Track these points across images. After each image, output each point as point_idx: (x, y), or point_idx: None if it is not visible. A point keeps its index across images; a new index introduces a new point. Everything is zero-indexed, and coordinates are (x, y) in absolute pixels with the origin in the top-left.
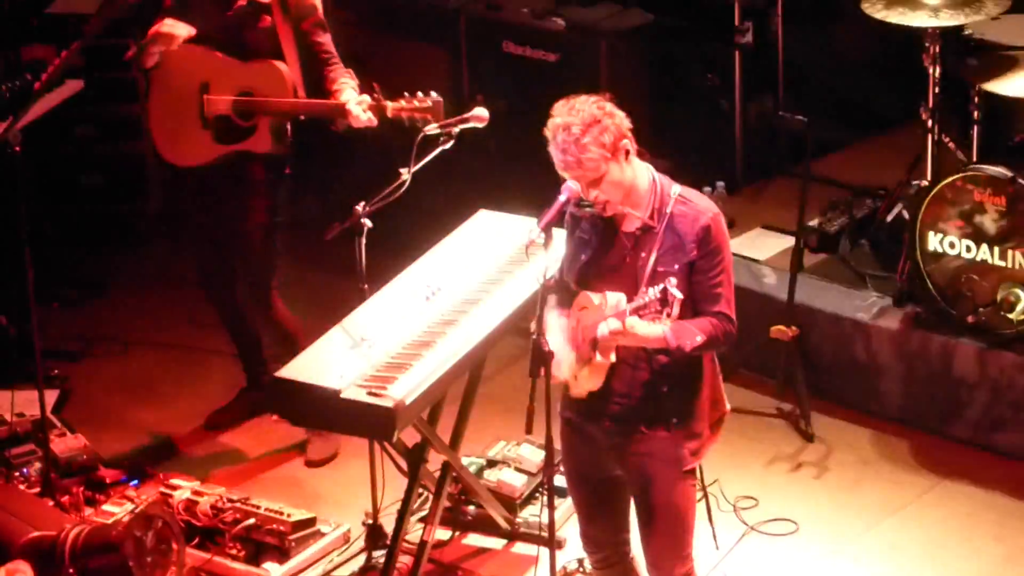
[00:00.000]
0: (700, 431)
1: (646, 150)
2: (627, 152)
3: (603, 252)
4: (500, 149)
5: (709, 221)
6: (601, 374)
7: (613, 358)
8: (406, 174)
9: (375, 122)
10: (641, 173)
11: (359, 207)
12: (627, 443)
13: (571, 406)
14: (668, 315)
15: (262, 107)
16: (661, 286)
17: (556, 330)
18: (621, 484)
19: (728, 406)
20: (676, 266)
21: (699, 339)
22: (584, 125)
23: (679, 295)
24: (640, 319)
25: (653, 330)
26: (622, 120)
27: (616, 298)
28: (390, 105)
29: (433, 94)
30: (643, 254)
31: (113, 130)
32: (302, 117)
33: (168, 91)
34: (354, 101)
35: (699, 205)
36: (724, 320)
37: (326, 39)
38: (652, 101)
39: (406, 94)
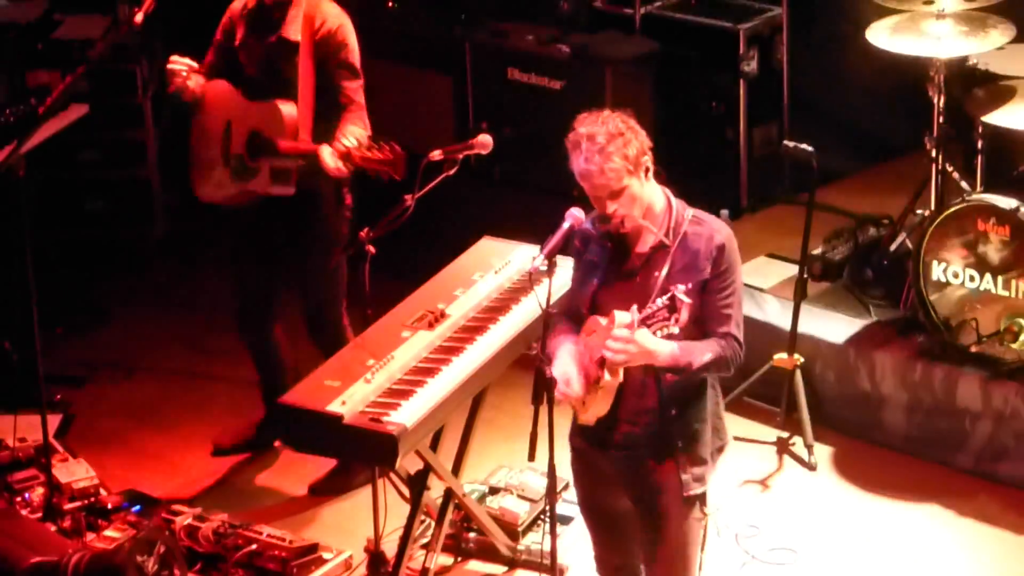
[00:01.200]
0: (704, 458)
1: (662, 172)
2: (647, 169)
3: (615, 273)
4: (504, 176)
5: (723, 240)
6: (609, 397)
7: (621, 377)
8: (410, 200)
9: (344, 171)
10: (657, 193)
11: (363, 233)
12: (633, 469)
13: (579, 434)
14: (676, 321)
15: (262, 148)
16: (669, 293)
17: (567, 356)
18: (630, 511)
19: (729, 436)
20: (689, 285)
21: (708, 357)
22: (609, 136)
23: (687, 300)
24: (648, 329)
25: (662, 344)
26: (644, 137)
27: (624, 316)
28: (353, 152)
29: (395, 147)
30: (655, 273)
31: (117, 155)
32: (300, 161)
33: (202, 127)
34: (327, 150)
35: (713, 225)
36: (732, 341)
37: (350, 84)
38: (657, 128)
39: (374, 144)
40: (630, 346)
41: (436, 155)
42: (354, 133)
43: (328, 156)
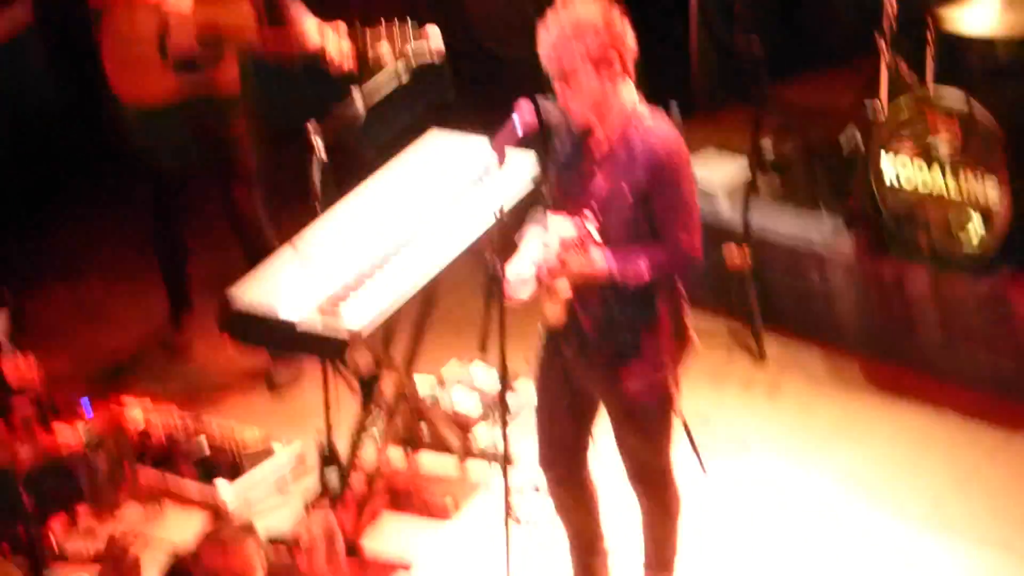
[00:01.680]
0: (655, 359)
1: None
2: (613, 69)
3: (569, 170)
4: (454, 74)
5: (662, 150)
6: (561, 303)
7: (568, 290)
8: (357, 93)
9: (355, 68)
10: (625, 96)
11: (310, 126)
12: (589, 369)
13: (548, 329)
14: (586, 252)
15: (231, 43)
16: (583, 222)
17: (526, 255)
18: (587, 404)
19: (697, 342)
20: (628, 190)
21: (644, 269)
22: (578, 19)
23: (593, 231)
24: (572, 253)
25: (596, 264)
26: (623, 38)
27: (559, 227)
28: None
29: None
30: (600, 175)
31: (71, 55)
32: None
33: (126, 23)
34: (334, 44)
35: (659, 132)
36: (681, 247)
37: None
38: None
39: (384, 21)
40: (558, 271)
41: (383, 48)
42: (314, 20)
43: (337, 52)
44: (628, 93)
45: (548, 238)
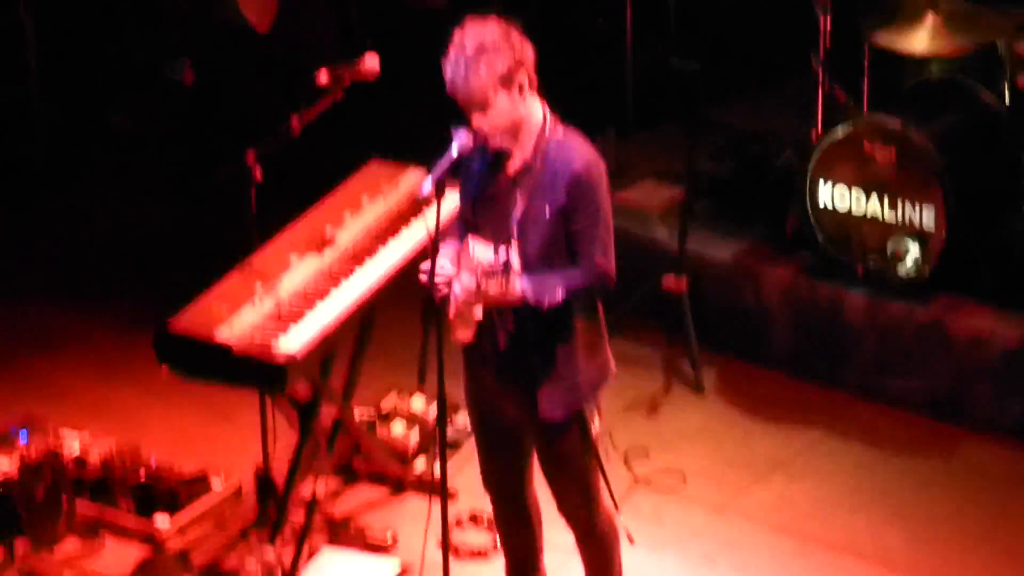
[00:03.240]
0: (574, 385)
1: (543, 92)
2: (522, 87)
3: (485, 189)
4: (391, 96)
5: (581, 167)
6: (471, 325)
7: (480, 314)
8: (296, 123)
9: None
10: (535, 112)
11: (248, 156)
12: (506, 389)
13: (466, 351)
14: (508, 283)
15: None
16: (506, 255)
17: (447, 256)
18: (518, 428)
19: (614, 367)
20: (547, 208)
21: (560, 293)
22: (480, 47)
23: (514, 258)
24: (491, 281)
25: (512, 291)
26: (526, 53)
27: (479, 253)
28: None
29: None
30: (518, 194)
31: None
32: None
33: None
34: None
35: (577, 150)
36: (596, 270)
37: None
38: (542, 46)
39: None
40: (475, 297)
41: (322, 78)
42: None
43: None
44: (538, 109)
45: (467, 264)
